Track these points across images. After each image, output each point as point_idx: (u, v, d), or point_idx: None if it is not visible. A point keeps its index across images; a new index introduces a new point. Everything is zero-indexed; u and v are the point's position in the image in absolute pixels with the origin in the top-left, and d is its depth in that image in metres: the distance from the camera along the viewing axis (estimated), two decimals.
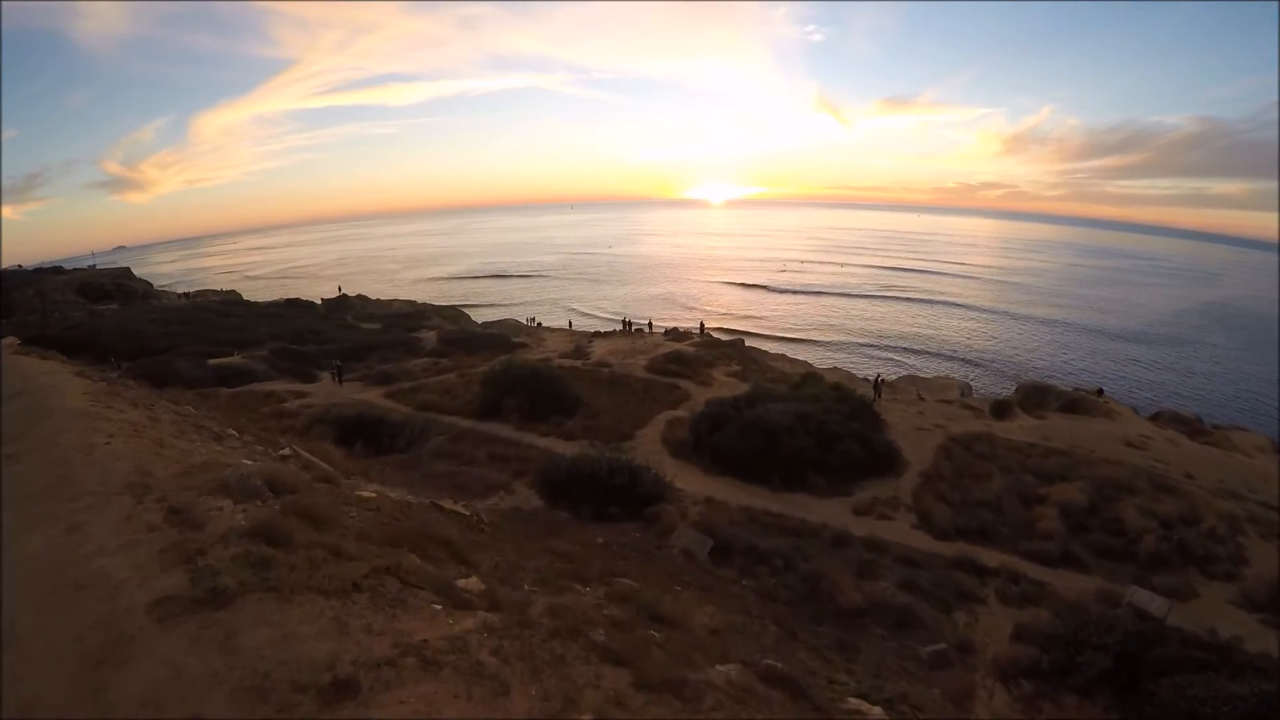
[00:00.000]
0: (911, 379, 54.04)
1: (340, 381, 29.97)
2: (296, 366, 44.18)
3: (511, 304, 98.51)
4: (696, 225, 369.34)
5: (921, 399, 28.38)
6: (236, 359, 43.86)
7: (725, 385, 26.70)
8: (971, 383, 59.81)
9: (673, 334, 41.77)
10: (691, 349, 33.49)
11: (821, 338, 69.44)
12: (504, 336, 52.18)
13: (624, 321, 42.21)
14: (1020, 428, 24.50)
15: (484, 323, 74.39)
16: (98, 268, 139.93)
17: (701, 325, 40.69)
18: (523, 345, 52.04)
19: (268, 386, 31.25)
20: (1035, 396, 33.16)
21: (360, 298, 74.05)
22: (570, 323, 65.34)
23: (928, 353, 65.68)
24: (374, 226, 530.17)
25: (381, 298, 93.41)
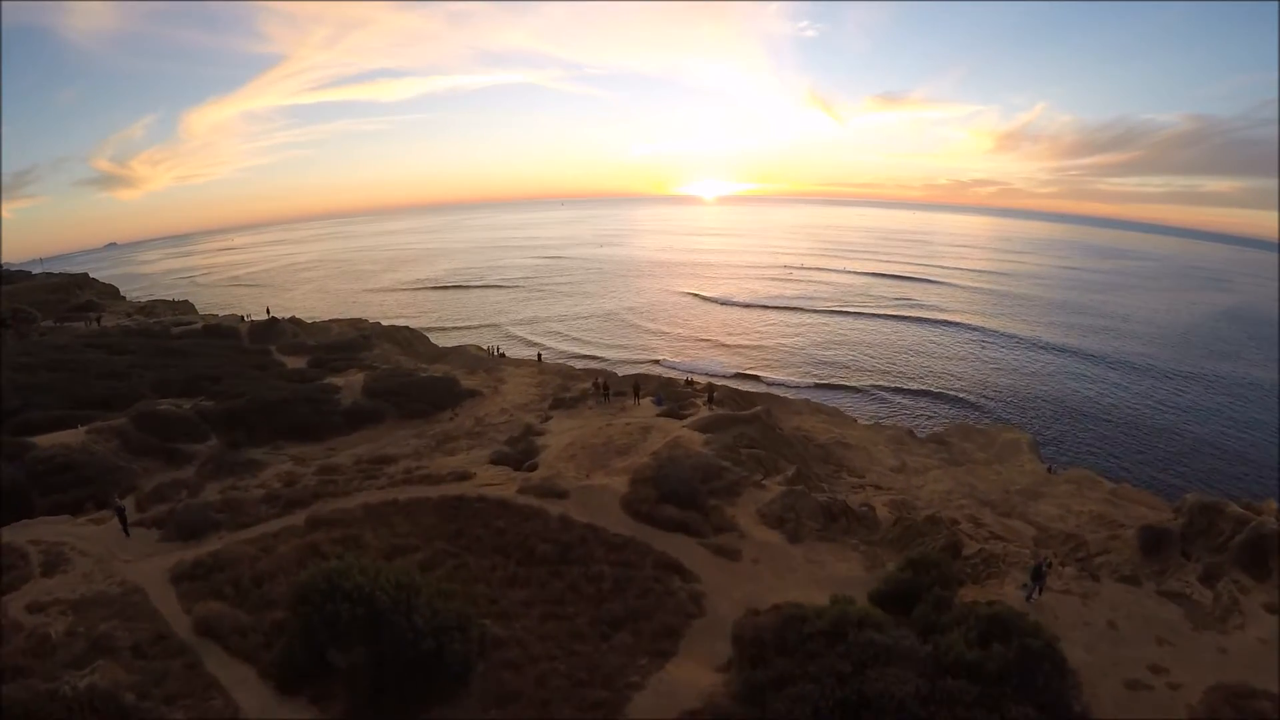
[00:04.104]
0: (966, 431, 43.34)
1: (126, 531, 18.77)
2: (161, 443, 33.04)
3: (480, 324, 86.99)
4: (689, 223, 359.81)
5: (1096, 579, 17.37)
6: (80, 435, 32.25)
7: (764, 556, 15.34)
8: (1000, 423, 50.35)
9: (667, 396, 30.43)
10: (698, 439, 22.32)
11: (842, 379, 58.59)
12: (448, 382, 40.76)
13: (599, 384, 30.81)
14: None
15: (443, 348, 63.27)
16: (50, 274, 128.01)
17: (710, 392, 29.33)
18: (472, 394, 40.86)
19: (44, 526, 20.18)
20: (1203, 522, 22.37)
21: (293, 321, 62.19)
22: (540, 355, 54.03)
23: (957, 398, 55.04)
24: (363, 224, 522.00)
25: (325, 316, 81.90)
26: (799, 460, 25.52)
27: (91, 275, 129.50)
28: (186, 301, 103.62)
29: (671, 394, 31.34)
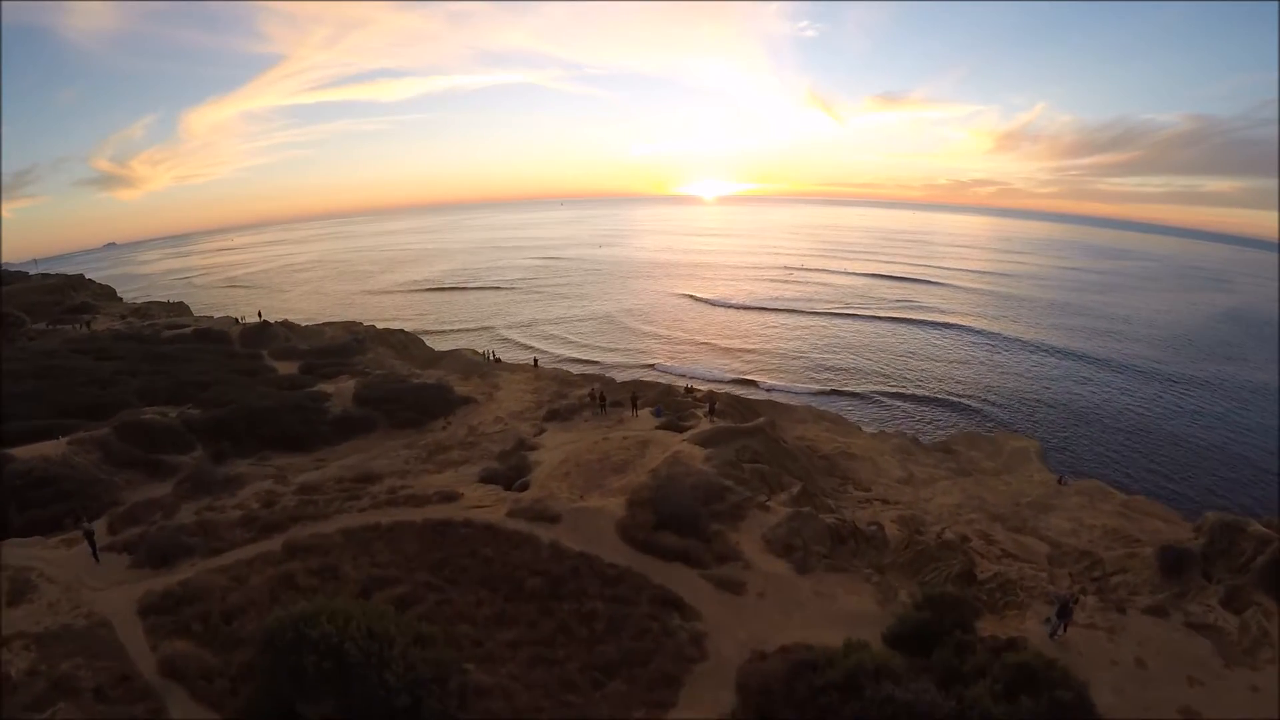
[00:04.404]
0: (973, 439, 42.45)
1: (96, 556, 17.88)
2: (144, 454, 32.00)
3: (477, 327, 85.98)
4: (688, 224, 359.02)
5: (1121, 610, 16.31)
6: (61, 447, 31.22)
7: (770, 589, 14.20)
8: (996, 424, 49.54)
9: (667, 406, 29.42)
10: (699, 454, 21.34)
11: (844, 384, 57.47)
12: (441, 389, 39.74)
13: (595, 394, 29.71)
14: None
15: (438, 352, 62.37)
16: (46, 275, 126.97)
17: (712, 403, 28.21)
18: (466, 402, 39.85)
19: (12, 549, 19.30)
20: (1224, 542, 21.55)
21: (285, 325, 61.15)
22: (535, 360, 53.05)
23: (961, 403, 53.81)
24: (363, 224, 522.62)
25: (321, 319, 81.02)
26: (804, 474, 24.56)
27: (90, 275, 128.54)
28: (181, 303, 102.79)
29: (671, 404, 30.36)
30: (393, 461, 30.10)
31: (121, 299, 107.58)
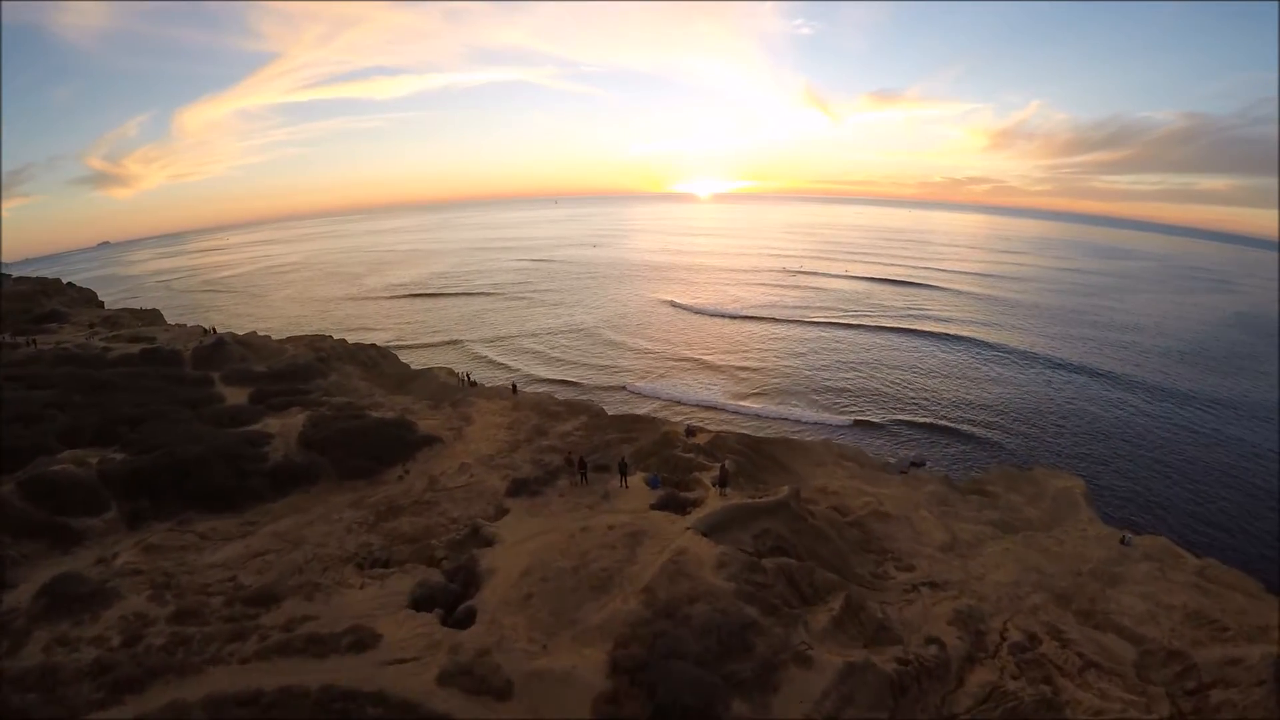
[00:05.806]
0: (1010, 479, 37.65)
1: None
2: (49, 516, 27.00)
3: (457, 338, 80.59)
4: (685, 222, 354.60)
5: None
6: None
7: None
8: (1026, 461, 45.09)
9: (664, 467, 24.36)
10: (709, 555, 16.27)
11: (857, 411, 52.48)
12: (401, 428, 34.54)
13: (572, 459, 24.10)
14: None
15: (411, 370, 57.28)
16: (26, 278, 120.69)
17: (722, 469, 22.73)
18: (430, 442, 34.68)
19: None
20: None
21: (242, 344, 55.71)
22: (514, 385, 47.94)
23: (984, 436, 48.79)
24: (356, 223, 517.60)
25: (297, 326, 75.65)
26: (839, 561, 19.66)
27: (80, 276, 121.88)
28: (155, 310, 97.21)
29: (668, 461, 25.36)
30: (332, 529, 25.10)
31: (102, 303, 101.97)
